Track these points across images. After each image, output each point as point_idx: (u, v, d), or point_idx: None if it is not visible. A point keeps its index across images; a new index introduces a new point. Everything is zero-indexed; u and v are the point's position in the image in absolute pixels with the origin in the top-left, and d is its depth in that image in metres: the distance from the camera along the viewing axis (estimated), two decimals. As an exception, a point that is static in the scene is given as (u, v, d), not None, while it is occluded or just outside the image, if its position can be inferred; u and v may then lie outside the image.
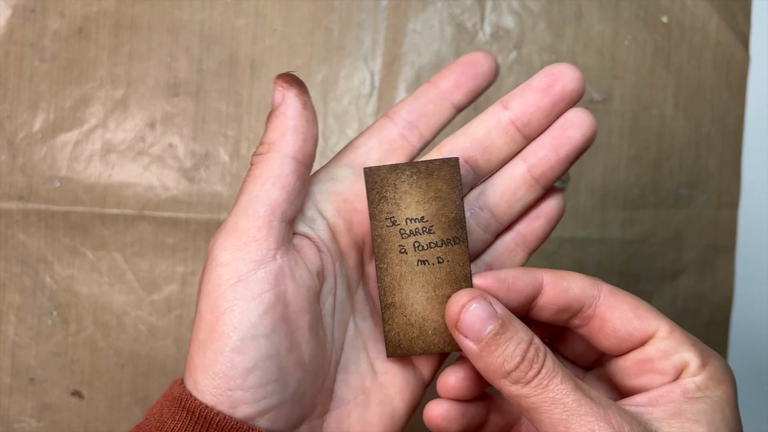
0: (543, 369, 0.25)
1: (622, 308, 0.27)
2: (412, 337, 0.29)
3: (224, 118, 0.51)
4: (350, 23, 0.52)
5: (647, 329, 0.27)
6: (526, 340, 0.25)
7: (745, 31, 0.54)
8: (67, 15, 0.50)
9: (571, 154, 0.29)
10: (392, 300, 0.29)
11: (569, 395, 0.24)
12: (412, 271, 0.29)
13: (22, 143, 0.50)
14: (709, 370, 0.26)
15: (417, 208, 0.29)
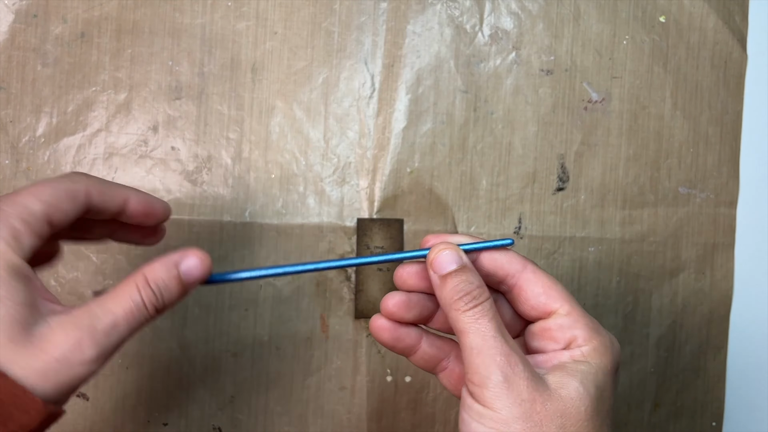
0: (479, 306, 0.32)
1: (537, 285, 0.35)
2: (369, 309, 0.51)
3: (226, 120, 0.52)
4: (350, 26, 0.52)
5: (551, 306, 0.34)
6: (475, 283, 0.33)
7: (743, 31, 0.55)
8: (69, 20, 0.51)
9: None
10: (362, 287, 0.51)
11: (490, 331, 0.32)
12: (374, 273, 0.51)
13: (25, 147, 0.50)
14: (592, 344, 0.33)
15: (380, 239, 0.48)
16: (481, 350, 0.31)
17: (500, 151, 0.53)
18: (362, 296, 0.50)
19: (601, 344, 0.33)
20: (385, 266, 0.50)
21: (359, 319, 0.51)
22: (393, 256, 0.36)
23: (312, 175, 0.52)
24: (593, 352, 0.33)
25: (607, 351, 0.33)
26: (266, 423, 0.51)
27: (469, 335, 0.32)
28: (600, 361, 0.33)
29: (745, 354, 0.55)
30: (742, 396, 0.55)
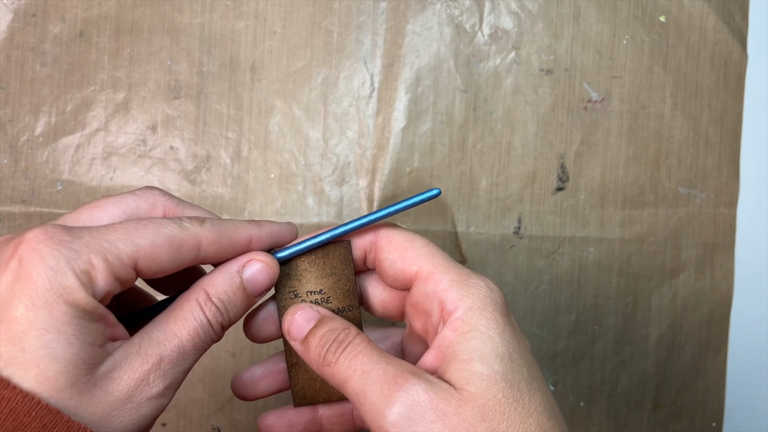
0: (349, 347, 0.28)
1: (390, 250, 0.30)
2: (315, 389, 0.34)
3: (225, 120, 0.51)
4: (350, 25, 0.52)
5: (409, 271, 0.30)
6: (338, 329, 0.29)
7: (743, 30, 0.55)
8: (68, 19, 0.51)
9: None
10: (297, 360, 0.34)
11: (367, 365, 0.27)
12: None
13: (24, 147, 0.50)
14: (466, 302, 0.28)
15: (316, 282, 0.33)
16: (366, 392, 0.26)
17: (500, 151, 0.53)
18: (300, 373, 0.34)
19: (476, 297, 0.28)
20: None
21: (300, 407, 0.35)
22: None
23: (311, 174, 0.52)
24: (472, 312, 0.27)
25: (486, 303, 0.28)
26: (265, 423, 0.51)
27: (348, 384, 0.27)
28: (487, 321, 0.27)
29: (745, 354, 0.55)
30: (742, 396, 0.55)
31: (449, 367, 0.27)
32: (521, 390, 0.26)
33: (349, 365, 0.27)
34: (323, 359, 0.28)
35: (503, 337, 0.27)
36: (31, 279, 0.24)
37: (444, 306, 0.28)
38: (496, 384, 0.26)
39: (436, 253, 0.30)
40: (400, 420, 0.25)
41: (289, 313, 0.31)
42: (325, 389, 0.33)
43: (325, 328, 0.29)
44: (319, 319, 0.30)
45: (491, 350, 0.27)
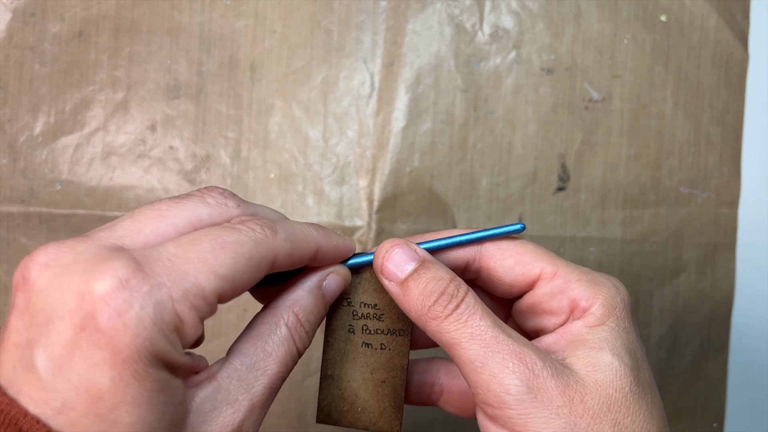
0: (462, 304, 0.26)
1: (505, 257, 0.29)
2: (342, 410, 0.31)
3: (224, 120, 0.51)
4: (350, 24, 0.52)
5: (530, 274, 0.28)
6: (446, 278, 0.26)
7: (744, 30, 0.55)
8: (67, 18, 0.50)
9: None
10: (331, 372, 0.31)
11: (487, 331, 0.25)
12: (356, 350, 0.31)
13: (23, 147, 0.50)
14: (600, 300, 0.27)
15: (372, 295, 0.31)
16: (485, 361, 0.25)
17: (500, 151, 0.53)
18: (332, 387, 0.31)
19: (608, 296, 0.27)
20: (377, 343, 0.31)
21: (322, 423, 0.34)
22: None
23: (311, 174, 0.52)
24: (605, 309, 0.27)
25: (617, 301, 0.27)
26: (265, 423, 0.51)
27: (462, 346, 0.25)
28: (618, 318, 0.27)
29: (746, 355, 0.55)
30: (743, 397, 0.55)
31: (575, 352, 0.26)
32: (645, 389, 0.26)
33: (463, 326, 0.25)
34: (429, 311, 0.26)
35: (631, 336, 0.27)
36: (115, 348, 0.20)
37: (577, 303, 0.27)
38: (625, 377, 0.25)
39: (551, 254, 0.29)
40: (525, 398, 0.24)
41: (384, 248, 0.28)
42: (353, 413, 0.31)
43: (428, 274, 0.27)
44: (420, 261, 0.27)
45: (621, 345, 0.26)
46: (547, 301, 0.28)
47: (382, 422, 0.31)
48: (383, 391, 0.31)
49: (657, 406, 0.26)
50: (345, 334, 0.31)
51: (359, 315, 0.31)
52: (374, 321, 0.31)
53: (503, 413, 0.25)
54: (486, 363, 0.25)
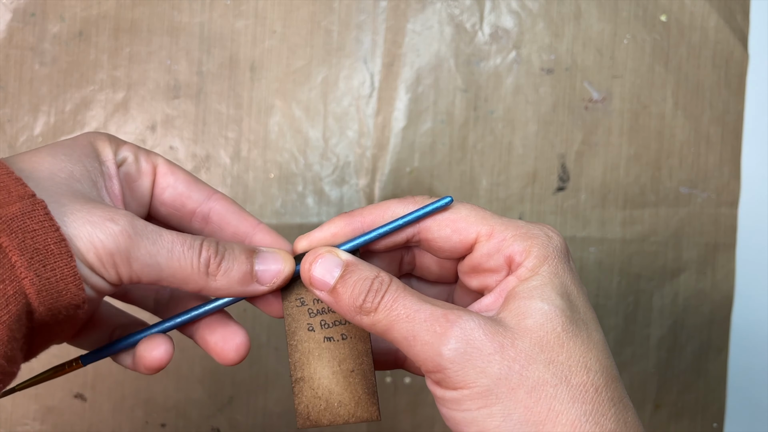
0: (387, 294, 0.27)
1: (440, 227, 0.30)
2: (320, 409, 0.32)
3: (224, 120, 0.51)
4: (350, 24, 0.52)
5: (467, 239, 0.29)
6: (369, 277, 0.28)
7: (744, 30, 0.55)
8: (67, 18, 0.50)
9: None
10: (301, 374, 0.32)
11: (411, 308, 0.26)
12: (319, 347, 0.32)
13: (23, 147, 0.50)
14: (533, 252, 0.28)
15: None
16: (415, 333, 0.26)
17: (500, 151, 0.53)
18: (305, 389, 0.32)
19: (540, 246, 0.28)
20: (337, 334, 0.32)
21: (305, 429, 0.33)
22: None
23: (311, 174, 0.52)
24: (537, 260, 0.28)
25: (549, 250, 0.28)
26: (265, 424, 0.51)
27: (394, 328, 0.26)
28: (550, 266, 0.27)
29: (746, 355, 0.55)
30: (743, 397, 0.55)
31: (507, 306, 0.27)
32: (580, 327, 0.27)
33: (390, 311, 0.27)
34: (361, 309, 0.27)
35: (563, 280, 0.27)
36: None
37: (513, 259, 0.28)
38: (555, 318, 0.26)
39: (485, 213, 0.30)
40: (457, 355, 0.25)
41: (308, 260, 0.29)
42: (330, 410, 0.32)
43: (354, 277, 0.28)
44: (344, 265, 0.28)
45: (551, 289, 0.27)
46: (486, 261, 0.29)
47: (360, 411, 0.31)
48: (354, 380, 0.31)
49: (594, 339, 0.27)
50: (306, 333, 0.32)
51: (314, 312, 0.32)
52: (330, 314, 0.32)
53: (444, 375, 0.26)
54: (416, 334, 0.26)
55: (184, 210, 0.31)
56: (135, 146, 0.30)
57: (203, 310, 0.31)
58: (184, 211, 0.31)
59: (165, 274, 0.27)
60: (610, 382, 0.26)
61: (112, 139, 0.30)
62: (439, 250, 0.30)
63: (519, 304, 0.27)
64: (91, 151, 0.29)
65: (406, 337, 0.26)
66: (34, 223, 0.24)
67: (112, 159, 0.29)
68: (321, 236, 0.31)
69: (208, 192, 0.31)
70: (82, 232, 0.25)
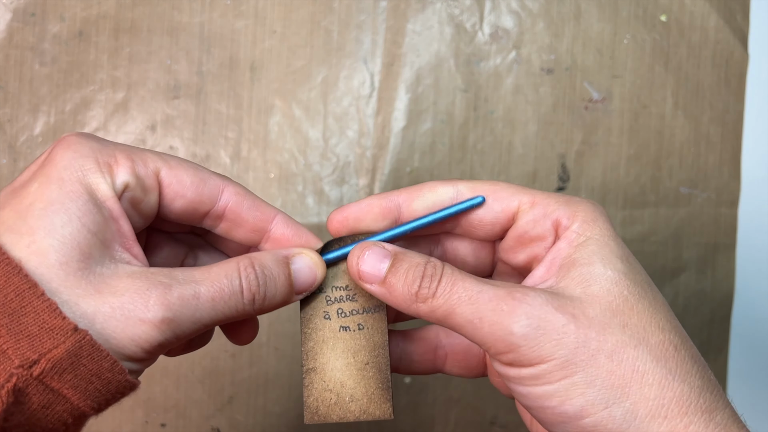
0: (443, 278, 0.26)
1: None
2: (330, 403, 0.30)
3: (224, 120, 0.51)
4: (350, 24, 0.52)
5: (510, 207, 0.29)
6: (421, 263, 0.27)
7: (744, 30, 0.55)
8: (67, 18, 0.50)
9: None
10: (313, 365, 0.30)
11: (472, 290, 0.26)
12: (334, 336, 0.31)
13: (23, 147, 0.50)
14: (580, 216, 0.27)
15: (342, 277, 0.31)
16: (481, 315, 0.25)
17: (500, 151, 0.53)
18: (316, 381, 0.31)
19: (588, 210, 0.28)
20: (354, 324, 0.31)
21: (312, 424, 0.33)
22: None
23: (311, 174, 0.52)
24: (587, 224, 0.27)
25: (596, 214, 0.28)
26: (265, 424, 0.51)
27: (456, 312, 0.26)
28: (601, 229, 0.27)
29: (746, 355, 0.55)
30: (743, 397, 0.55)
31: (568, 275, 0.26)
32: (644, 288, 0.26)
33: (450, 296, 0.26)
34: (417, 296, 0.26)
35: (618, 242, 0.27)
36: (54, 161, 0.25)
37: (560, 222, 0.28)
38: (620, 282, 0.26)
39: (524, 187, 0.29)
40: (530, 331, 0.25)
41: (354, 254, 0.28)
42: (341, 405, 0.30)
43: (405, 264, 0.27)
44: (394, 255, 0.28)
45: (610, 252, 0.26)
46: (532, 229, 0.29)
47: (372, 408, 0.30)
48: (368, 374, 0.30)
49: (659, 300, 0.27)
50: (321, 321, 0.31)
51: (332, 299, 0.31)
52: (348, 303, 0.31)
53: (516, 354, 0.25)
54: (483, 317, 0.25)
55: (196, 215, 0.30)
56: (128, 159, 0.27)
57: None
58: (196, 215, 0.30)
59: (212, 323, 0.27)
60: (685, 340, 0.26)
61: (102, 162, 0.26)
62: (479, 224, 0.30)
63: (580, 272, 0.26)
64: (87, 200, 0.25)
65: (471, 320, 0.25)
66: (85, 359, 0.24)
67: (111, 195, 0.26)
68: (357, 209, 0.30)
69: (218, 186, 0.29)
70: (122, 339, 0.24)
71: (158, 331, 0.25)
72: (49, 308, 0.23)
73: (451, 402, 0.52)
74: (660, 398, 0.24)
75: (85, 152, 0.26)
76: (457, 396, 0.52)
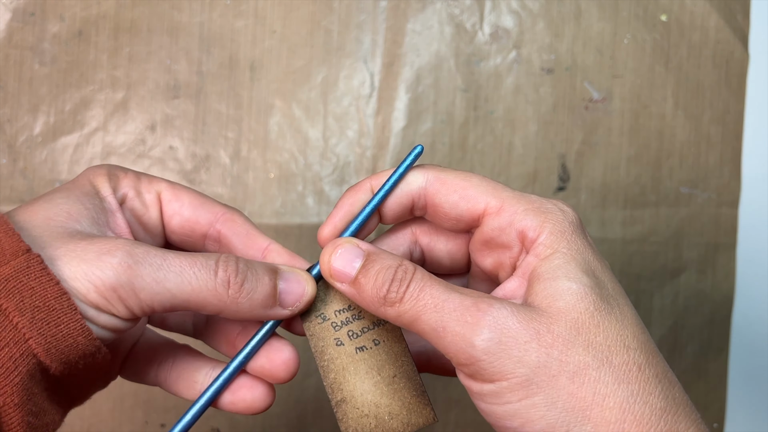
0: (412, 283, 0.26)
1: (448, 192, 0.29)
2: (371, 428, 0.29)
3: (224, 119, 0.51)
4: (350, 24, 0.52)
5: (475, 209, 0.28)
6: (393, 265, 0.26)
7: (744, 29, 0.54)
8: (67, 18, 0.50)
9: None
10: (341, 396, 0.29)
11: (439, 298, 0.25)
12: (353, 360, 0.29)
13: (22, 147, 0.50)
14: (547, 228, 0.27)
15: (341, 299, 0.30)
16: (444, 324, 0.25)
17: (500, 151, 0.53)
18: (349, 411, 0.29)
19: (555, 221, 0.27)
20: (369, 342, 0.30)
21: None
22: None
23: (311, 174, 0.52)
24: (554, 236, 0.27)
25: (565, 225, 0.27)
26: (265, 424, 0.51)
27: (422, 319, 0.25)
28: (569, 242, 0.26)
29: (746, 355, 0.55)
30: (743, 397, 0.55)
31: (533, 289, 0.26)
32: (611, 303, 0.26)
33: (417, 301, 0.25)
34: (385, 300, 0.26)
35: (585, 256, 0.26)
36: (77, 175, 0.29)
37: (526, 235, 0.27)
38: (586, 297, 0.25)
39: (497, 185, 0.29)
40: (491, 345, 0.24)
41: (327, 252, 0.28)
42: (382, 425, 0.29)
43: (377, 266, 0.27)
44: (366, 255, 0.27)
45: (576, 267, 0.26)
46: (497, 236, 0.28)
47: (414, 417, 0.29)
48: (399, 385, 0.29)
49: (628, 315, 0.26)
50: (335, 349, 0.29)
51: (339, 324, 0.30)
52: (356, 322, 0.30)
53: (477, 368, 0.24)
54: (446, 326, 0.25)
55: (194, 235, 0.30)
56: (135, 177, 0.30)
57: (251, 346, 0.29)
58: (195, 236, 0.30)
59: (178, 299, 0.26)
60: (651, 357, 0.26)
61: (112, 174, 0.29)
62: (445, 217, 0.29)
63: (546, 286, 0.26)
64: (90, 190, 0.28)
65: (434, 329, 0.25)
66: (32, 280, 0.24)
67: (112, 194, 0.28)
68: (341, 214, 0.30)
69: (216, 213, 0.30)
70: (78, 273, 0.24)
71: (114, 273, 0.24)
72: (7, 232, 0.24)
73: (451, 402, 0.52)
74: (620, 422, 0.24)
75: (101, 169, 0.29)
76: (457, 396, 0.52)
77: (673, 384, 0.26)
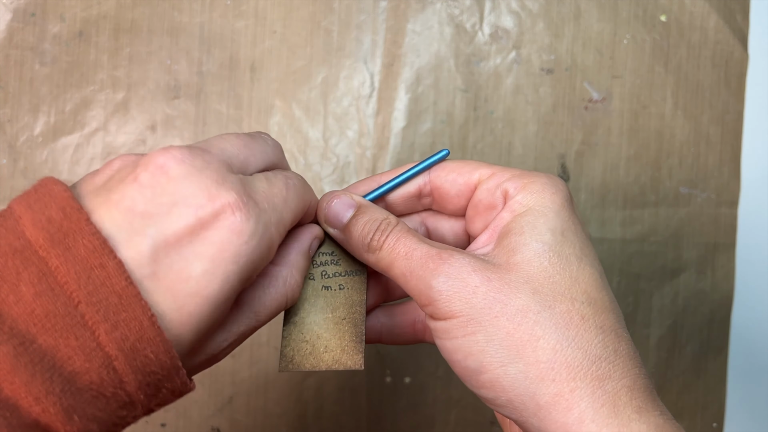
0: (391, 234, 0.29)
1: (447, 172, 0.32)
2: (305, 353, 0.32)
3: (225, 120, 0.51)
4: (350, 25, 0.52)
5: (471, 180, 0.31)
6: (379, 219, 0.30)
7: (744, 30, 0.55)
8: (67, 18, 0.50)
9: None
10: (294, 318, 0.32)
11: (409, 247, 0.28)
12: (316, 294, 0.33)
13: (23, 147, 0.50)
14: (528, 187, 0.29)
15: (328, 244, 0.33)
16: (411, 269, 0.28)
17: (500, 151, 0.53)
18: (294, 332, 0.32)
19: (537, 183, 0.29)
20: (336, 284, 0.33)
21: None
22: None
23: (311, 174, 0.52)
24: (530, 195, 0.29)
25: (546, 188, 0.29)
26: (265, 424, 0.51)
27: (395, 265, 0.28)
28: (543, 202, 0.28)
29: (746, 355, 0.55)
30: (743, 397, 0.55)
31: (501, 243, 0.28)
32: (570, 262, 0.28)
33: (392, 249, 0.29)
34: (368, 246, 0.30)
35: (559, 215, 0.28)
36: (222, 248, 0.25)
37: (507, 193, 0.30)
38: (543, 255, 0.27)
39: (492, 164, 0.31)
40: (446, 288, 0.27)
41: (325, 200, 0.31)
42: (315, 354, 0.32)
43: (365, 217, 0.30)
44: (358, 206, 0.31)
45: (543, 224, 0.28)
46: (485, 198, 0.31)
47: (345, 358, 0.32)
48: (344, 328, 0.32)
49: (585, 273, 0.28)
50: (306, 281, 0.33)
51: (318, 263, 0.33)
52: (332, 266, 0.33)
53: (434, 307, 0.27)
54: (412, 271, 0.28)
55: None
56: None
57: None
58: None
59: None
60: (600, 312, 0.27)
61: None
62: (448, 198, 0.32)
63: (510, 241, 0.28)
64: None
65: (403, 273, 0.28)
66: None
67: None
68: (362, 188, 0.33)
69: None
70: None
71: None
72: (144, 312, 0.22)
73: (451, 402, 0.52)
74: (551, 362, 0.25)
75: (256, 243, 0.27)
76: (457, 396, 0.52)
77: (621, 339, 0.27)
